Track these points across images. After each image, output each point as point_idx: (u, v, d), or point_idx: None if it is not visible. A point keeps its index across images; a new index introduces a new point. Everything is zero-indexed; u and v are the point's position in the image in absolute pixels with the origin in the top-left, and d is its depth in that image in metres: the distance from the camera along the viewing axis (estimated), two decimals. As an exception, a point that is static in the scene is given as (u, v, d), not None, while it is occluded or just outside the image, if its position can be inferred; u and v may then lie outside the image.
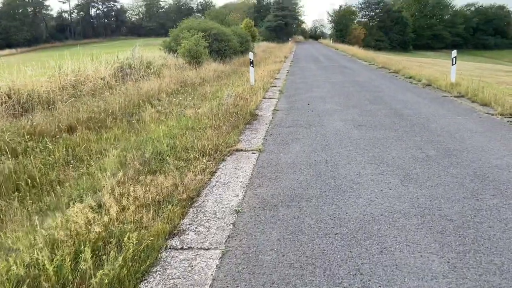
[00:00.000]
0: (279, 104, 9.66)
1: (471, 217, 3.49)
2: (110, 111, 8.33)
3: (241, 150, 5.58)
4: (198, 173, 4.41)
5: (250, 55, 12.89)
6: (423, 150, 5.47)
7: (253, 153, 5.45)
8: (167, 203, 3.62)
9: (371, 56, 27.38)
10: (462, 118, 7.56)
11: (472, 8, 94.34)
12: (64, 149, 6.06)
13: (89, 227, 3.02)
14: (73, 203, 3.41)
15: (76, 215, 3.13)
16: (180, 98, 10.44)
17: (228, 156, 5.33)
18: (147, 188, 3.83)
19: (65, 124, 7.21)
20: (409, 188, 4.15)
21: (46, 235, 2.88)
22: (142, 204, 3.56)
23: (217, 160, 5.06)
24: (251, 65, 12.69)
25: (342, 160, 5.12)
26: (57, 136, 6.61)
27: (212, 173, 4.62)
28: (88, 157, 5.77)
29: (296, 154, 5.40)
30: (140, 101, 9.90)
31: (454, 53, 11.98)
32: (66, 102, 8.43)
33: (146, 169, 4.52)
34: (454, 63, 11.89)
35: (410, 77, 14.77)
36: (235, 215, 3.58)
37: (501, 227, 3.30)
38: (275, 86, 13.06)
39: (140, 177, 4.13)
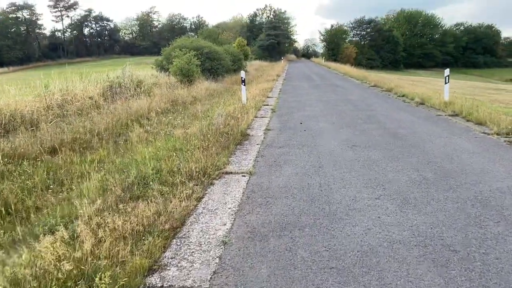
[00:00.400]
0: (271, 123, 9.45)
1: (476, 247, 3.24)
2: (96, 131, 8.06)
3: (231, 172, 5.32)
4: (184, 199, 4.13)
5: (242, 74, 12.75)
6: (420, 172, 5.25)
7: (244, 176, 5.19)
8: (148, 234, 3.33)
9: (363, 75, 27.47)
10: (458, 138, 7.38)
11: (461, 28, 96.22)
12: (45, 172, 5.76)
13: (59, 264, 2.72)
14: (44, 235, 3.11)
15: (46, 250, 2.83)
16: (170, 117, 10.20)
17: (217, 179, 5.06)
18: (127, 217, 3.55)
19: (48, 146, 6.91)
20: (408, 214, 3.90)
21: (9, 275, 2.58)
22: (121, 235, 3.27)
23: (205, 184, 4.79)
24: (243, 83, 12.53)
25: (337, 183, 4.87)
26: (38, 159, 6.30)
27: (199, 199, 4.34)
28: (69, 181, 5.48)
29: (288, 177, 5.15)
30: (129, 121, 9.66)
31: (447, 71, 11.93)
32: (50, 123, 8.15)
33: (128, 195, 4.24)
34: (447, 81, 11.83)
35: (403, 96, 14.71)
36: (222, 246, 3.30)
37: (509, 258, 3.05)
38: (267, 105, 12.89)
39: (121, 205, 3.84)
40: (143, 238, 3.28)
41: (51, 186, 5.26)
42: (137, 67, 28.24)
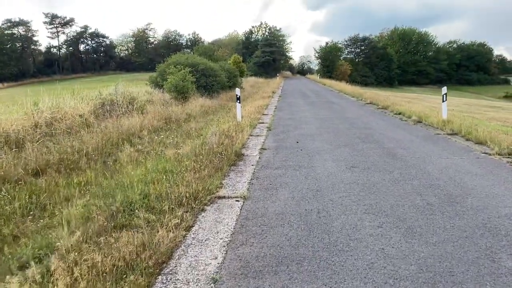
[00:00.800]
0: (266, 142, 9.20)
1: (491, 285, 2.96)
2: (84, 151, 7.75)
3: (224, 197, 5.02)
4: (172, 229, 3.82)
5: (237, 91, 12.55)
6: (423, 197, 4.98)
7: (237, 200, 4.90)
8: (130, 271, 3.02)
9: (358, 92, 27.45)
10: (459, 158, 7.15)
11: (454, 45, 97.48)
12: (27, 196, 5.44)
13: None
14: (12, 275, 2.79)
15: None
16: (162, 136, 9.92)
17: (209, 205, 4.76)
18: (108, 251, 3.24)
19: (32, 167, 6.60)
20: (413, 245, 3.62)
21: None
22: (100, 272, 2.96)
23: (196, 210, 4.49)
24: (238, 101, 12.32)
25: (336, 209, 4.59)
26: (20, 182, 5.98)
27: (189, 228, 4.04)
28: (52, 206, 5.16)
29: (284, 202, 4.86)
30: (120, 140, 9.37)
31: (444, 89, 11.80)
32: (37, 142, 7.84)
33: (112, 224, 3.93)
34: (444, 99, 11.68)
35: (400, 113, 14.56)
36: (211, 285, 2.99)
37: (529, 299, 2.77)
38: (262, 123, 12.66)
39: (102, 237, 3.53)
40: (125, 276, 2.96)
41: (32, 212, 4.93)
42: (132, 84, 28.10)
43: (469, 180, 5.73)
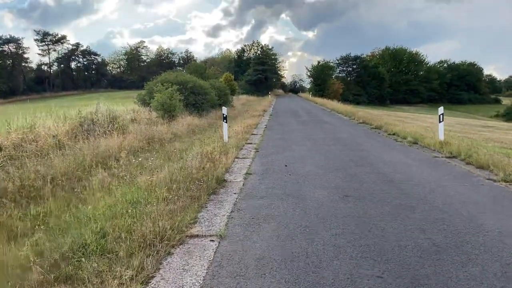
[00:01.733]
0: (253, 165, 8.52)
1: None
2: (50, 177, 7.00)
3: (197, 236, 4.30)
4: (126, 283, 3.10)
5: (223, 110, 11.93)
6: (427, 235, 4.31)
7: (212, 240, 4.17)
8: None
9: (351, 111, 27.01)
10: (461, 186, 6.52)
11: (445, 65, 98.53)
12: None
13: None
14: None
15: None
16: (142, 158, 9.20)
17: (178, 246, 4.02)
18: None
19: (-15, 196, 5.84)
20: (423, 304, 2.93)
21: None
22: None
23: (161, 254, 3.76)
24: (224, 120, 11.69)
25: (328, 252, 3.89)
26: (-35, 215, 5.22)
27: (148, 280, 3.30)
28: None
29: (267, 242, 4.15)
30: (94, 163, 8.63)
31: (441, 110, 11.27)
32: (-1, 166, 7.09)
33: (53, 277, 3.19)
34: (441, 120, 11.14)
35: (394, 134, 13.99)
36: None
37: None
38: (250, 143, 12.01)
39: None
40: None
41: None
42: (125, 101, 27.52)
43: (477, 213, 5.08)
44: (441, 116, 11.17)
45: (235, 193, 6.16)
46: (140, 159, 9.00)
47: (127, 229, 4.15)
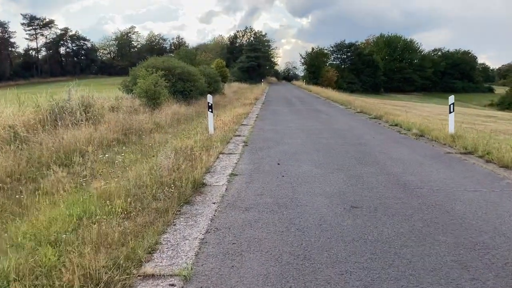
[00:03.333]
0: (240, 163, 7.30)
1: None
2: (-10, 178, 5.73)
3: (152, 276, 3.06)
4: None
5: (209, 98, 10.65)
6: (471, 272, 3.12)
7: (172, 285, 2.95)
8: None
9: (346, 99, 25.83)
10: (491, 193, 5.36)
11: (439, 53, 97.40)
12: None
13: None
14: None
15: None
16: (109, 154, 7.94)
17: (122, 294, 2.81)
18: None
19: None
20: None
21: None
22: None
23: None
24: (210, 110, 10.43)
25: (337, 304, 2.70)
26: None
27: None
28: None
29: (249, 286, 2.95)
30: (53, 159, 7.35)
31: (451, 99, 10.08)
32: None
33: None
34: (451, 110, 9.96)
35: (396, 125, 12.84)
36: None
37: None
38: (239, 136, 10.77)
39: None
40: None
41: None
42: (110, 88, 26.09)
43: (524, 233, 3.92)
44: (452, 106, 9.99)
45: (214, 203, 4.93)
46: (108, 154, 7.74)
47: (50, 267, 2.92)
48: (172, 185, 5.15)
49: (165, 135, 11.58)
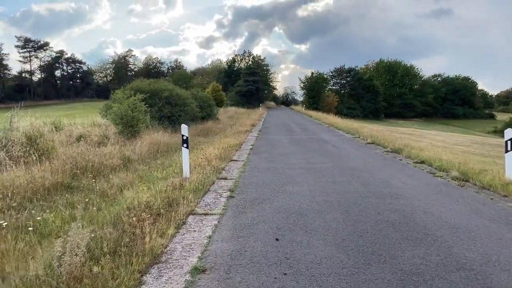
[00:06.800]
0: (216, 238, 4.65)
1: None
2: None
3: None
4: None
5: (183, 129, 8.01)
6: None
7: None
8: None
9: (352, 127, 23.36)
10: None
11: (439, 79, 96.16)
12: None
13: None
14: None
15: None
16: (43, 206, 5.29)
17: None
18: None
19: None
20: None
21: None
22: None
23: None
24: (185, 145, 7.82)
25: None
26: None
27: None
28: None
29: None
30: None
31: (509, 133, 7.51)
32: None
33: None
34: (509, 149, 7.40)
35: (423, 162, 10.27)
36: None
37: None
38: (225, 179, 8.15)
39: None
40: None
41: None
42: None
43: None
44: (510, 142, 7.44)
45: None
46: (26, 213, 5.07)
47: None
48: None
49: (132, 174, 8.97)
